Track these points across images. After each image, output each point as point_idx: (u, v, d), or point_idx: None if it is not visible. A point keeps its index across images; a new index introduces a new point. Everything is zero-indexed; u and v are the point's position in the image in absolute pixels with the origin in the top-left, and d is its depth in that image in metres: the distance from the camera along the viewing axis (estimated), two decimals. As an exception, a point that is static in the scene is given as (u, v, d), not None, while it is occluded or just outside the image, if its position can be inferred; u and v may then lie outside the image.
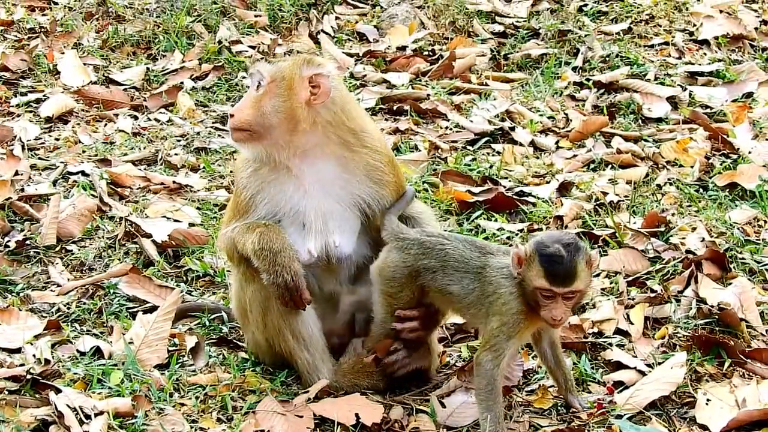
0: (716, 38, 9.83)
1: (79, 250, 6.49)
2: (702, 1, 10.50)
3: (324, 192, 5.22)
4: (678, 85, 8.97)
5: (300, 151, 5.15)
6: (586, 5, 10.38)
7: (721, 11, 10.28)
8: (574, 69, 9.32)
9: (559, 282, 4.63)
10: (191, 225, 6.70)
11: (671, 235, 6.50)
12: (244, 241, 5.11)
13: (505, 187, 7.20)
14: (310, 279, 5.19)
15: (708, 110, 8.49)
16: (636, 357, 5.47)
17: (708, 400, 5.11)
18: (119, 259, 6.40)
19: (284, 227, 5.18)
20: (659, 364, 5.34)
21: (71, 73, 8.72)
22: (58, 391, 5.01)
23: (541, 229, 6.69)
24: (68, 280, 6.21)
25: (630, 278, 6.09)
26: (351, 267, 5.32)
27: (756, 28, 9.99)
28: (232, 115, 5.15)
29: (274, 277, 5.02)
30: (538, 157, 7.83)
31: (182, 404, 5.14)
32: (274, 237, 5.06)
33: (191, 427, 4.96)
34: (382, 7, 10.36)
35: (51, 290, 6.11)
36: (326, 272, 5.29)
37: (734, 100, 8.69)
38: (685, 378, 5.23)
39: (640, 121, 8.42)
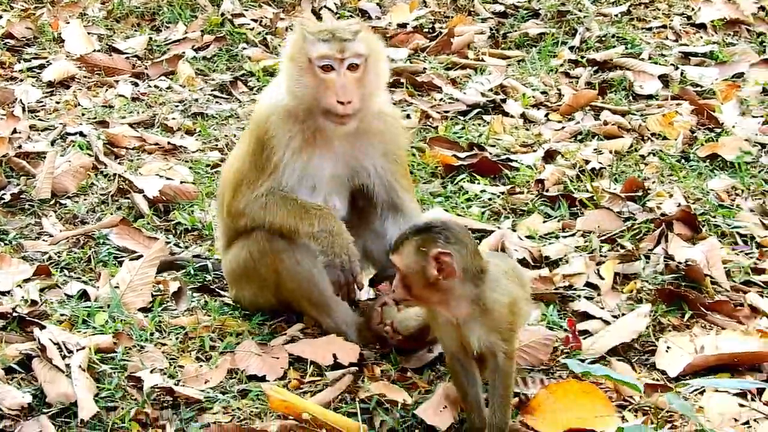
0: (713, 22, 9.98)
1: (72, 204, 6.70)
2: (702, -14, 10.66)
3: (341, 160, 5.38)
4: (671, 64, 9.13)
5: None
6: (587, -13, 10.54)
7: (720, -6, 10.44)
8: (571, 48, 9.48)
9: None
10: (182, 182, 6.89)
11: (648, 200, 6.68)
12: (296, 221, 5.21)
13: (491, 153, 7.37)
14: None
15: (698, 89, 8.64)
16: (603, 309, 5.65)
17: (668, 347, 5.29)
18: (111, 214, 6.60)
19: (297, 187, 5.31)
20: (624, 315, 5.53)
21: (75, 42, 8.94)
22: (42, 327, 5.21)
23: (522, 193, 6.87)
24: (60, 231, 6.41)
25: (603, 237, 6.27)
26: None
27: (753, 14, 10.12)
28: (348, 102, 5.15)
29: (332, 258, 5.14)
30: (527, 129, 8.01)
31: (163, 344, 5.33)
32: (332, 219, 5.20)
33: (170, 364, 5.15)
34: (384, -17, 10.55)
35: (43, 240, 6.32)
36: None
37: (724, 80, 8.85)
38: (647, 328, 5.41)
39: (630, 97, 8.58)
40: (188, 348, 5.32)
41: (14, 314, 5.37)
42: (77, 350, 5.04)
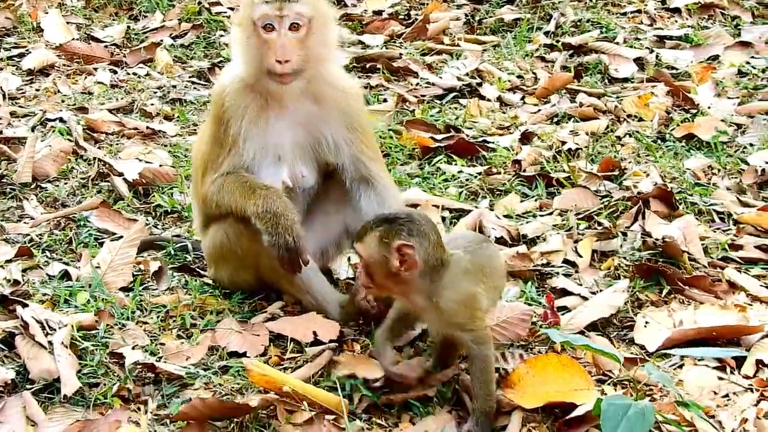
0: (687, 6, 10.06)
1: (53, 188, 6.74)
2: (675, -28, 10.74)
3: (301, 127, 5.45)
4: (646, 48, 9.22)
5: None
6: (561, -28, 10.61)
7: (694, -21, 10.51)
8: (546, 33, 9.55)
9: None
10: (162, 166, 6.93)
11: (625, 179, 6.76)
12: (243, 202, 5.25)
13: (467, 135, 7.44)
14: None
15: (673, 71, 8.73)
16: (581, 285, 5.71)
17: (647, 322, 5.35)
18: (92, 197, 6.63)
19: (261, 159, 5.38)
20: (602, 291, 5.60)
21: (54, 31, 8.96)
22: (25, 306, 5.26)
23: (499, 173, 6.94)
24: (41, 214, 6.45)
25: (581, 215, 6.34)
26: (307, 197, 5.57)
27: (727, -2, 10.21)
28: (286, 61, 5.24)
29: (276, 239, 5.16)
30: (503, 112, 8.08)
31: (144, 322, 5.38)
32: (276, 199, 5.21)
33: (151, 342, 5.20)
34: (361, -26, 10.59)
35: (24, 223, 6.36)
36: None
37: (699, 62, 8.94)
38: (626, 303, 5.48)
39: (606, 80, 8.66)
40: (169, 326, 5.37)
41: (-3, 293, 5.43)
42: (59, 328, 5.09)
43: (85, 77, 8.40)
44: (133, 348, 5.07)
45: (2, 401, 4.75)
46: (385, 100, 8.10)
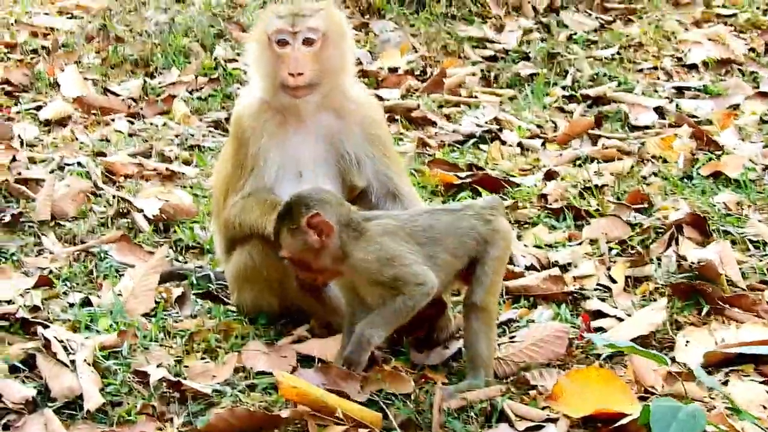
0: (704, 61, 10.01)
1: (73, 225, 6.60)
2: (690, 30, 10.73)
3: (322, 142, 5.38)
4: (665, 98, 9.15)
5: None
6: (575, 34, 10.58)
7: (709, 39, 10.48)
8: (563, 88, 9.49)
9: None
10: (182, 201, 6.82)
11: (654, 213, 6.62)
12: (264, 219, 5.16)
13: (490, 174, 7.34)
14: None
15: (694, 119, 8.63)
16: (616, 308, 5.55)
17: (687, 341, 5.18)
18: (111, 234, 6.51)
19: (282, 176, 5.31)
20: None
21: (71, 86, 8.90)
22: (46, 327, 5.11)
23: (525, 207, 6.81)
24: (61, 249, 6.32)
25: (612, 243, 6.19)
26: None
27: (744, 54, 10.16)
28: (298, 74, 5.23)
29: None
30: (525, 156, 7.97)
31: (168, 346, 5.22)
32: None
33: (176, 363, 5.03)
34: (375, 34, 10.56)
35: (44, 257, 6.22)
36: None
37: (721, 110, 8.83)
38: (664, 324, 5.30)
39: (627, 128, 8.56)
40: (193, 349, 5.21)
41: (17, 317, 5.26)
42: (82, 347, 4.94)
43: (103, 127, 8.32)
44: (157, 366, 4.90)
45: (22, 419, 4.57)
46: (405, 144, 8.00)
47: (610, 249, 6.11)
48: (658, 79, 9.81)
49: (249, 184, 5.33)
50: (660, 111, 8.82)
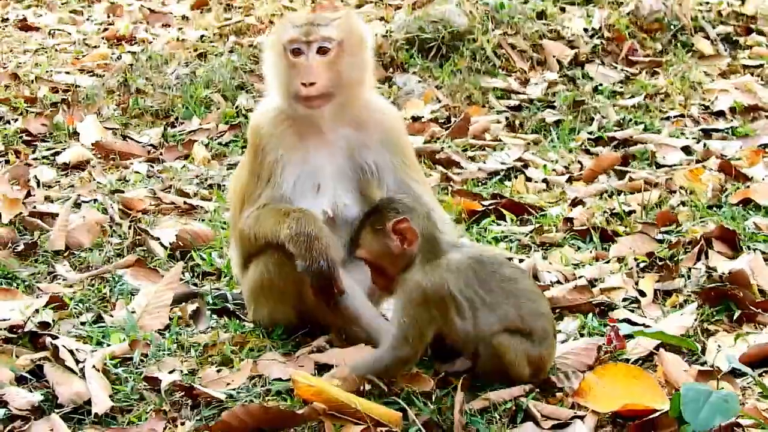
0: (731, 108, 9.87)
1: (87, 254, 6.47)
2: (716, 81, 10.62)
3: (341, 153, 5.26)
4: (692, 138, 9.01)
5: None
6: (600, 85, 10.48)
7: (736, 88, 10.37)
8: (589, 133, 9.35)
9: None
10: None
11: (682, 235, 6.43)
12: (278, 227, 5.03)
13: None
14: None
15: (722, 158, 8.46)
16: (645, 318, 5.35)
17: (719, 346, 4.99)
18: (127, 262, 6.38)
19: (299, 188, 5.19)
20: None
21: (90, 135, 8.79)
22: (55, 338, 4.96)
23: (550, 231, 6.64)
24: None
25: (639, 257, 6.01)
26: (350, 229, 5.27)
27: (772, 102, 10.02)
28: (311, 84, 5.11)
29: (309, 263, 4.93)
30: (550, 190, 7.81)
31: (182, 357, 5.05)
32: (311, 222, 4.99)
33: (189, 373, 4.86)
34: (399, 87, 10.49)
35: (57, 283, 6.08)
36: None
37: (749, 149, 8.67)
38: (695, 329, 5.12)
39: (654, 167, 8.40)
40: (208, 360, 5.04)
41: (25, 330, 5.12)
42: (91, 354, 4.79)
43: (122, 170, 8.22)
44: (170, 372, 4.73)
45: (29, 424, 4.41)
46: (430, 175, 7.87)
47: (638, 263, 5.91)
48: (685, 126, 9.66)
49: (265, 194, 5.21)
50: (687, 150, 8.66)
